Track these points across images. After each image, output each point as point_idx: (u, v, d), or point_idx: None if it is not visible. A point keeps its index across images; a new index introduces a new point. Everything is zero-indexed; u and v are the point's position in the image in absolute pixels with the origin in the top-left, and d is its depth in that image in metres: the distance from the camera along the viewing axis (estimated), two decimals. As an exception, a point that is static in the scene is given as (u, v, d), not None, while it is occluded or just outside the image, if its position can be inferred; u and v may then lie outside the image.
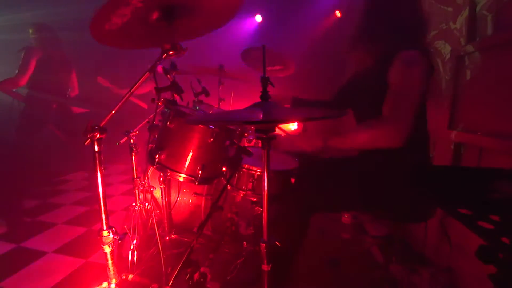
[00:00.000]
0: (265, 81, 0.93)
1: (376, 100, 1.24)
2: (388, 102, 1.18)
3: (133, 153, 1.59)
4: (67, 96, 3.21)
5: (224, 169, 1.52)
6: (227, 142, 1.53)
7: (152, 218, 1.55)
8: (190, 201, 1.88)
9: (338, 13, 3.88)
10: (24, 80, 2.77)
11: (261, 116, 0.82)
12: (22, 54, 2.77)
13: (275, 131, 0.93)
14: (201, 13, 1.11)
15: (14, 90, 2.86)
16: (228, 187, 1.51)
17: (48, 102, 3.00)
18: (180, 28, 1.13)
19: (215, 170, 1.53)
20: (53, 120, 3.06)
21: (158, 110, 1.45)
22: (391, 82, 1.19)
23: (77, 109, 3.32)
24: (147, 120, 1.73)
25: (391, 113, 1.16)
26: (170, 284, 1.10)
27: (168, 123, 1.46)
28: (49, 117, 3.03)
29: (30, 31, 2.89)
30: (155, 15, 1.05)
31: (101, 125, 1.01)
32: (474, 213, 0.56)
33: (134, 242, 1.58)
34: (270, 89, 0.93)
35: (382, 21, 1.29)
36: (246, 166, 1.49)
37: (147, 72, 1.10)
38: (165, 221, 1.73)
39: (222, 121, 1.18)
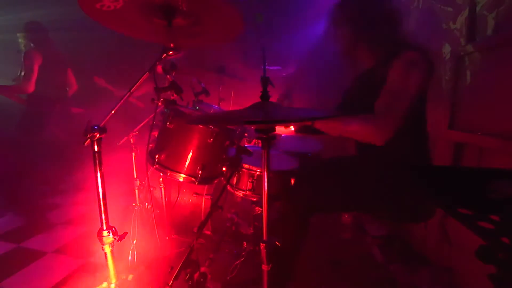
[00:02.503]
0: (265, 81, 0.93)
1: (371, 102, 1.25)
2: (381, 99, 1.17)
3: (133, 153, 1.59)
4: (67, 94, 3.20)
5: (224, 169, 1.52)
6: (227, 142, 1.53)
7: (152, 218, 1.56)
8: (190, 201, 1.88)
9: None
10: (32, 86, 2.75)
11: (261, 116, 0.82)
12: (22, 59, 2.75)
13: (275, 131, 0.93)
14: (201, 24, 1.11)
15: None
16: (228, 187, 1.51)
17: (51, 103, 2.99)
18: (179, 31, 1.12)
19: (215, 170, 1.53)
20: (55, 121, 3.06)
21: (158, 110, 1.45)
22: (388, 80, 1.19)
23: (76, 109, 3.32)
24: (147, 120, 1.73)
25: (381, 111, 1.15)
26: (170, 284, 1.09)
27: (168, 123, 1.46)
28: (52, 118, 3.02)
29: (19, 34, 2.88)
30: (153, 13, 1.05)
31: (101, 125, 1.01)
32: (474, 213, 0.56)
33: (134, 242, 1.58)
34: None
35: (382, 22, 1.29)
36: (246, 166, 1.49)
37: (147, 72, 1.10)
38: (165, 221, 1.73)
39: (222, 121, 1.18)
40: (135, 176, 1.65)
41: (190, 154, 1.45)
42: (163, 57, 1.10)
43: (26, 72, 2.73)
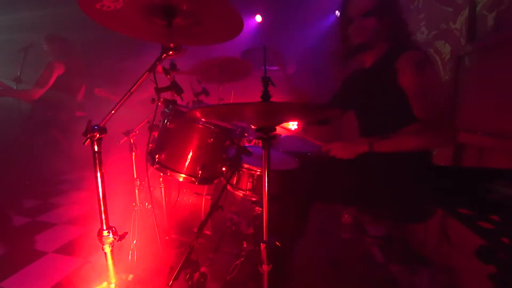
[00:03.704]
0: (265, 81, 0.93)
1: (378, 98, 1.25)
2: (420, 106, 1.17)
3: (133, 153, 1.59)
4: (75, 101, 3.23)
5: (224, 169, 1.52)
6: (227, 142, 1.52)
7: (152, 218, 1.55)
8: (190, 201, 1.88)
9: (338, 13, 3.88)
10: (39, 95, 2.76)
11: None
12: (45, 67, 2.76)
13: (275, 130, 0.93)
14: (201, 24, 1.11)
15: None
16: (228, 187, 1.50)
17: (57, 109, 3.00)
18: (179, 31, 1.12)
19: (215, 170, 1.53)
20: (57, 123, 3.07)
21: (158, 110, 1.45)
22: (409, 85, 1.19)
23: (79, 113, 3.33)
24: (147, 120, 1.73)
25: (430, 117, 1.15)
26: (170, 284, 1.09)
27: (168, 123, 1.46)
28: (56, 121, 3.04)
29: (43, 44, 2.91)
30: (153, 13, 1.04)
31: (101, 125, 1.01)
32: (474, 213, 0.56)
33: (134, 242, 1.58)
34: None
35: (382, 21, 1.30)
36: (246, 166, 1.49)
37: (147, 72, 1.10)
38: (165, 221, 1.73)
39: (222, 121, 1.18)
40: (135, 176, 1.65)
41: (190, 154, 1.45)
42: (163, 57, 1.09)
43: (40, 81, 2.74)
